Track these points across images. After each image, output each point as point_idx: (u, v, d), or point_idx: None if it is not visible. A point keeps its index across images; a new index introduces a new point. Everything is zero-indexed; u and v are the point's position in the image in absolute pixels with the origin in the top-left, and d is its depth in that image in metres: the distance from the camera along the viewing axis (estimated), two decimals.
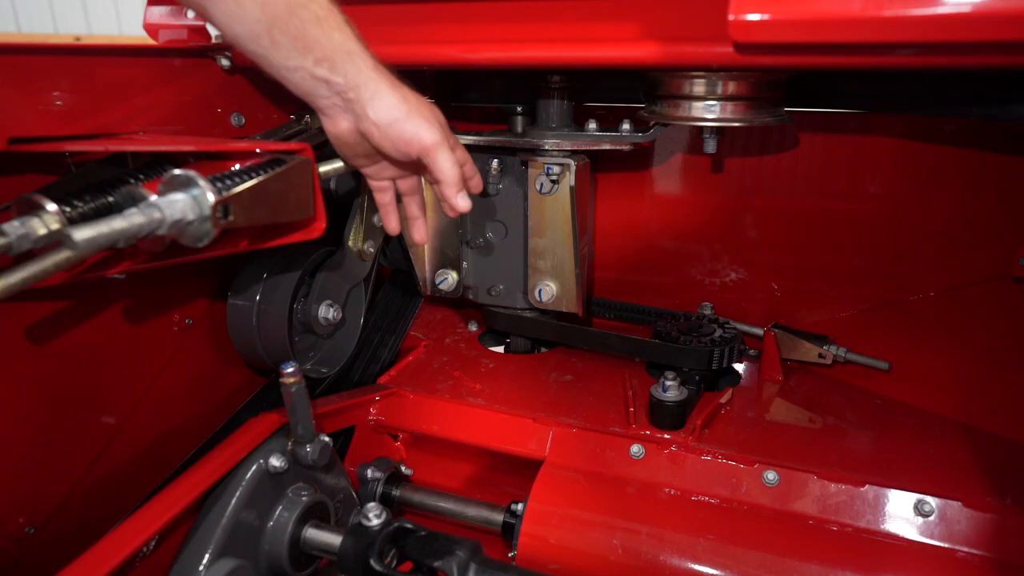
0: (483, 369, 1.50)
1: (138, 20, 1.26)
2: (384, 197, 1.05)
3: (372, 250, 1.39)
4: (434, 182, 0.96)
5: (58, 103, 0.92)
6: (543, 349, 1.61)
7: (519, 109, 1.43)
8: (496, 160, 1.40)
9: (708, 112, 1.16)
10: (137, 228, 0.72)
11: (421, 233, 1.08)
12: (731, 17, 0.77)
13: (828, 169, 1.42)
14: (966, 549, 1.05)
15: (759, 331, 1.50)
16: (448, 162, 0.91)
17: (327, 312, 1.31)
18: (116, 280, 0.96)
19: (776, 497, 1.15)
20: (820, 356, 1.42)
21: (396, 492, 1.36)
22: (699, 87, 1.14)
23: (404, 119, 0.86)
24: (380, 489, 1.35)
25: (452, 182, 0.93)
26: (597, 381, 1.44)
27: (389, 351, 1.57)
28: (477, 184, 1.02)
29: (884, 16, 0.74)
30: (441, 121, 0.92)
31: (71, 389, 1.06)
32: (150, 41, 1.19)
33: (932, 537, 1.07)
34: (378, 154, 0.95)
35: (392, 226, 1.08)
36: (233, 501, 1.02)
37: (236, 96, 1.16)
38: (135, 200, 0.84)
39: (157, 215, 0.74)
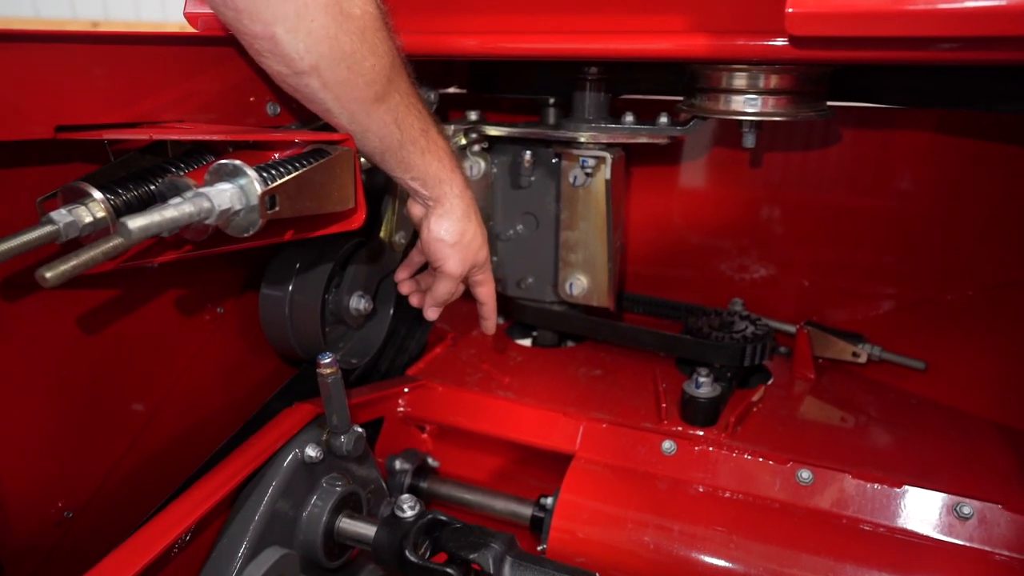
0: (512, 362, 1.50)
1: (155, 5, 1.25)
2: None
3: (403, 241, 1.38)
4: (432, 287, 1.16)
5: (101, 91, 0.91)
6: (570, 343, 1.60)
7: (551, 100, 1.42)
8: (529, 152, 1.39)
9: (749, 106, 1.14)
10: (187, 217, 0.72)
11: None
12: (789, 10, 0.76)
13: (861, 164, 1.40)
14: (1006, 553, 1.03)
15: (791, 328, 1.49)
16: (443, 288, 1.12)
17: (358, 303, 1.30)
18: (150, 269, 0.96)
19: (810, 496, 1.14)
20: (854, 355, 1.41)
21: (424, 484, 1.37)
22: (740, 80, 1.13)
23: (446, 246, 1.06)
24: (408, 480, 1.36)
25: (437, 300, 1.15)
26: (627, 376, 1.43)
27: (416, 343, 1.56)
28: (490, 327, 1.22)
29: (953, 8, 0.72)
30: (475, 260, 1.11)
31: (106, 377, 1.06)
32: (170, 28, 1.18)
33: (970, 540, 1.06)
34: None
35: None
36: (270, 491, 1.02)
37: (271, 85, 1.15)
38: (179, 189, 0.84)
39: (206, 204, 0.74)
